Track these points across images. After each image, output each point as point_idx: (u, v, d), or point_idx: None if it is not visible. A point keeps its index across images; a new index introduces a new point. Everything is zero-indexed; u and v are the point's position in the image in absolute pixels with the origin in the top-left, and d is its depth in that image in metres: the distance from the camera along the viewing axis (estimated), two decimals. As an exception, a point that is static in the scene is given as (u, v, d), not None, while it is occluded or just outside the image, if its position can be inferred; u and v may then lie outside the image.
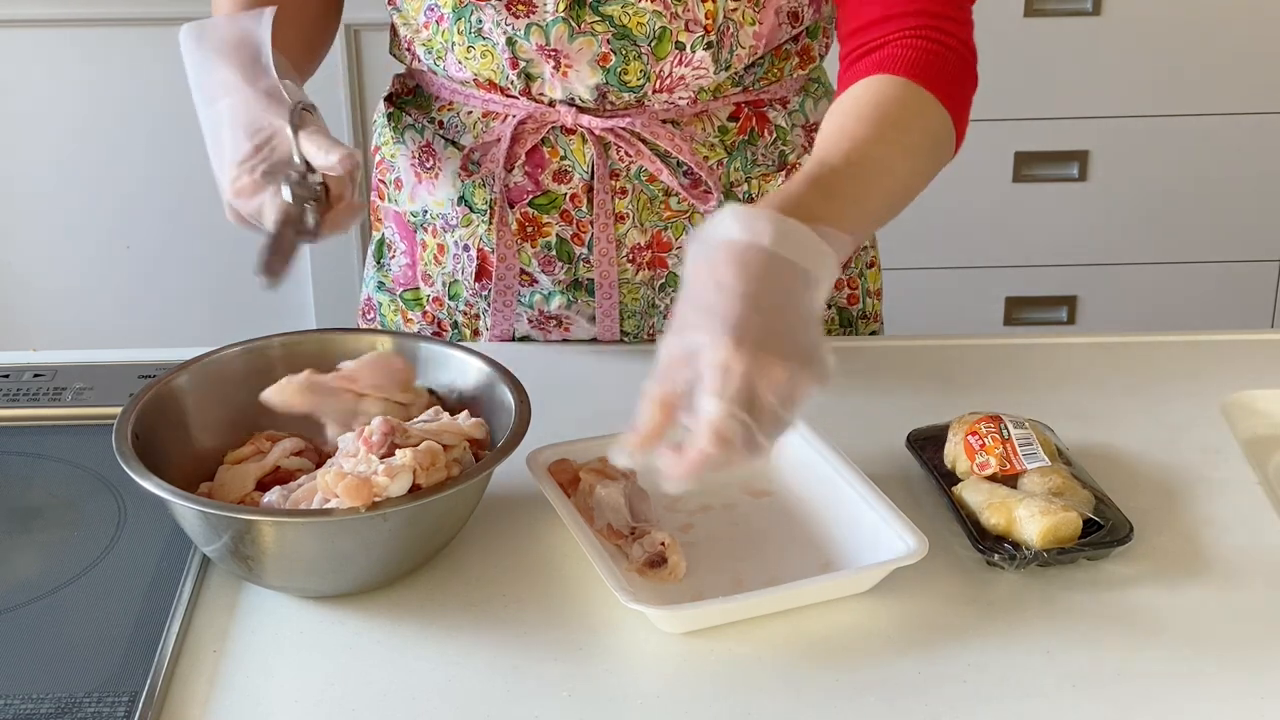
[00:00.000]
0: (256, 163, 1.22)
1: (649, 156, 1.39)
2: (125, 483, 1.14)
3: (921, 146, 1.24)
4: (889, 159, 1.19)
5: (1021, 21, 2.78)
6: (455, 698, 1.05)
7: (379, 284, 1.55)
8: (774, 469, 1.23)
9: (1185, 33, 2.79)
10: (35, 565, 1.17)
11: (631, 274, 1.44)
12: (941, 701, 1.04)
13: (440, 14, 1.36)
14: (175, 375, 1.21)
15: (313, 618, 1.12)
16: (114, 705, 1.03)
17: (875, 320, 1.56)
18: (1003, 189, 2.89)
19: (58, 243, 2.89)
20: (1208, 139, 2.86)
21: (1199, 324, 2.94)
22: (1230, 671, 1.07)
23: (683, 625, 1.09)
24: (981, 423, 1.24)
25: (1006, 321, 2.99)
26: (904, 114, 1.23)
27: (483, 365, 1.22)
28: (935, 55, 1.26)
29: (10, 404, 1.35)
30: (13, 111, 2.80)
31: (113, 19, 2.75)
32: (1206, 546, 1.19)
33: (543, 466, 1.21)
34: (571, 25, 1.32)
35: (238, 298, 2.91)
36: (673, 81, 1.36)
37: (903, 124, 1.23)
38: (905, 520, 1.13)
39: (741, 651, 1.08)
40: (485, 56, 1.35)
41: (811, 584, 1.11)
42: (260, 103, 1.23)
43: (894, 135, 1.21)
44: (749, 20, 1.35)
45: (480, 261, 1.45)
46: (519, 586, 1.15)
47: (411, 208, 1.48)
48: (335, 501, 1.08)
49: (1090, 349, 1.45)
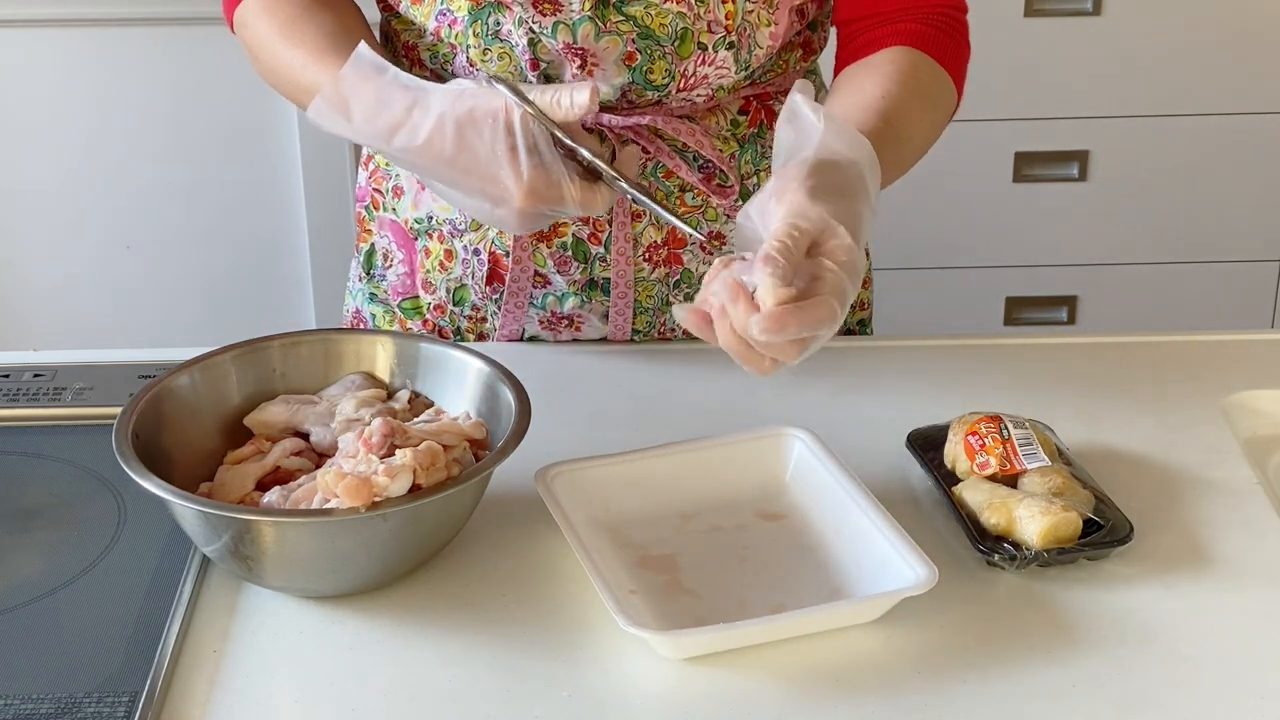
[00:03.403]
0: (525, 155, 1.18)
1: (667, 152, 1.39)
2: (125, 483, 1.14)
3: (936, 118, 1.35)
4: (913, 124, 1.30)
5: (1021, 21, 2.78)
6: (455, 698, 1.05)
7: (370, 295, 1.54)
8: (787, 492, 1.23)
9: (1185, 33, 2.79)
10: (35, 565, 1.17)
11: (647, 272, 1.44)
12: (941, 701, 1.04)
13: (454, 17, 1.36)
14: (175, 375, 1.21)
15: (313, 618, 1.12)
16: (114, 705, 1.03)
17: (863, 308, 1.56)
18: (1003, 189, 2.89)
19: (58, 242, 2.89)
20: (1208, 139, 2.86)
21: (1199, 324, 2.93)
22: (1230, 671, 1.07)
23: (682, 651, 1.08)
24: (981, 423, 1.24)
25: (1006, 321, 2.99)
26: (927, 86, 1.34)
27: (483, 365, 1.22)
28: (944, 35, 1.37)
29: (10, 404, 1.35)
30: (13, 111, 2.80)
31: (114, 19, 2.75)
32: (1206, 546, 1.19)
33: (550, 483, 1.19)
34: (597, 24, 1.32)
35: (238, 298, 2.91)
36: (696, 80, 1.36)
37: (926, 96, 1.34)
38: (916, 549, 1.11)
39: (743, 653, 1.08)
40: (503, 59, 1.35)
41: (816, 612, 1.09)
42: (464, 104, 1.19)
43: (919, 105, 1.32)
44: (765, 22, 1.36)
45: (492, 265, 1.44)
46: (519, 587, 1.15)
47: (414, 214, 1.47)
48: (335, 501, 1.08)
49: (1090, 349, 1.45)
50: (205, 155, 2.83)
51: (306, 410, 1.22)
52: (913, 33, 1.36)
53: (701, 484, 1.22)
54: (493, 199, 1.20)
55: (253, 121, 2.80)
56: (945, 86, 1.37)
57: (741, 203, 1.41)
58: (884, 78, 1.32)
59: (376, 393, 1.23)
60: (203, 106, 2.80)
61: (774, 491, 1.23)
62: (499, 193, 1.19)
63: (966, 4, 1.42)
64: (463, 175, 1.20)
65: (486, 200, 1.20)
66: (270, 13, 1.36)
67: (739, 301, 1.06)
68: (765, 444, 1.24)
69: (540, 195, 1.18)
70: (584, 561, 1.11)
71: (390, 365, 1.26)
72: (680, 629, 1.08)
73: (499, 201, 1.20)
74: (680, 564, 1.16)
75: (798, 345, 1.07)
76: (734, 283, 1.07)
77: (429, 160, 1.20)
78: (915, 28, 1.36)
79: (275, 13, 1.36)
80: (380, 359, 1.27)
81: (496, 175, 1.19)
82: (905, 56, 1.35)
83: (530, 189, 1.18)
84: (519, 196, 1.18)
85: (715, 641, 1.08)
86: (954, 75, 1.38)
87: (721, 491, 1.22)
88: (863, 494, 1.17)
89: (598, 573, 1.10)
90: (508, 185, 1.18)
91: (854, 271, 1.09)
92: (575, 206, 1.20)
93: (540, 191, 1.18)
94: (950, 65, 1.37)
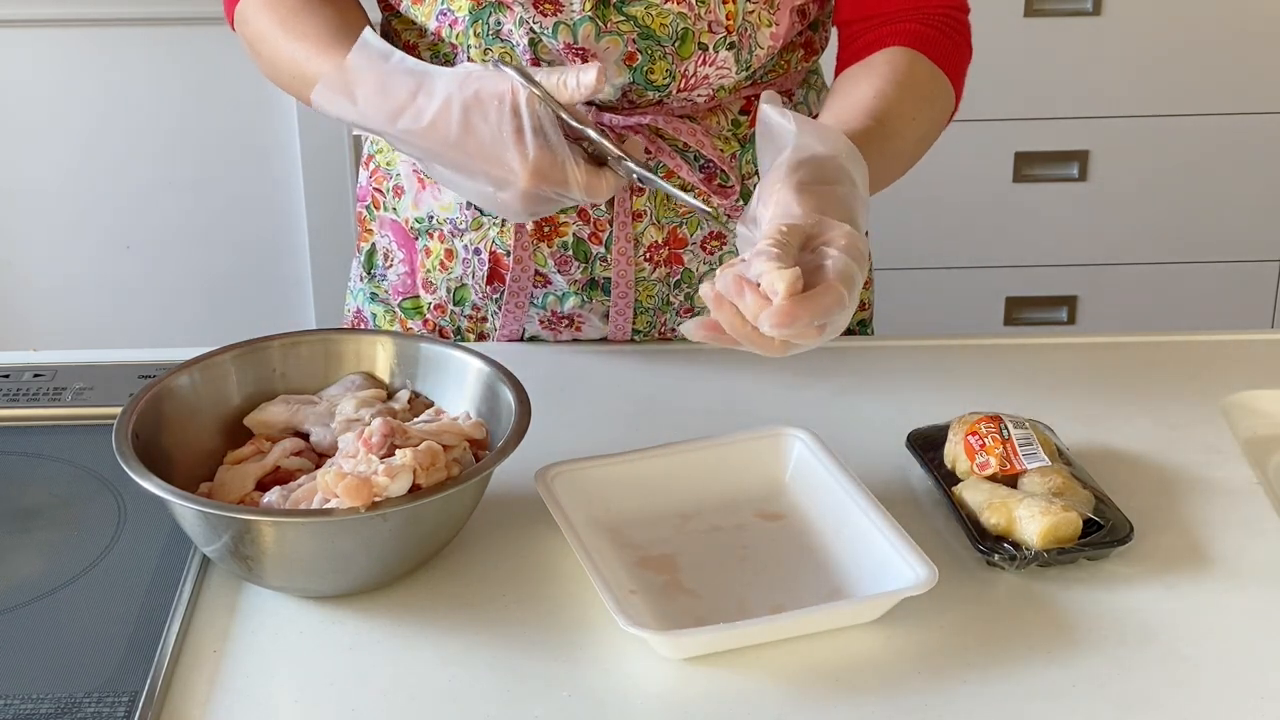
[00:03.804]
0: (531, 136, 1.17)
1: (669, 152, 1.39)
2: (125, 483, 1.14)
3: (933, 118, 1.35)
4: (907, 124, 1.30)
5: (1021, 21, 2.78)
6: (455, 698, 1.05)
7: (371, 295, 1.54)
8: (786, 492, 1.23)
9: (1185, 33, 2.79)
10: (35, 565, 1.17)
11: (648, 272, 1.44)
12: (941, 701, 1.04)
13: (454, 17, 1.36)
14: (175, 375, 1.21)
15: (313, 618, 1.12)
16: (114, 705, 1.03)
17: (863, 309, 1.56)
18: (1003, 189, 2.89)
19: (58, 242, 2.89)
20: (1208, 139, 2.86)
21: (1199, 324, 2.93)
22: (1230, 671, 1.07)
23: (682, 651, 1.08)
24: (981, 423, 1.24)
25: (1006, 321, 2.99)
26: (924, 87, 1.35)
27: (483, 365, 1.22)
28: (945, 36, 1.38)
29: (10, 404, 1.35)
30: (13, 111, 2.80)
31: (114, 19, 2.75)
32: (1206, 546, 1.19)
33: (550, 483, 1.19)
34: (598, 24, 1.32)
35: (238, 298, 2.91)
36: (697, 81, 1.36)
37: (922, 95, 1.34)
38: (916, 549, 1.11)
39: (743, 653, 1.08)
40: (504, 59, 1.35)
41: (816, 612, 1.09)
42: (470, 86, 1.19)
43: (913, 105, 1.32)
44: (766, 22, 1.36)
45: (493, 264, 1.44)
46: (519, 587, 1.15)
47: (415, 214, 1.47)
48: (335, 501, 1.08)
49: (1090, 349, 1.45)
50: (205, 155, 2.83)
51: (306, 410, 1.22)
52: (913, 33, 1.36)
53: (701, 484, 1.22)
54: (496, 182, 1.20)
55: (253, 121, 2.80)
56: (943, 87, 1.37)
57: (743, 203, 1.41)
58: (879, 78, 1.32)
59: (376, 393, 1.23)
60: (203, 106, 2.80)
61: (774, 491, 1.23)
62: (503, 175, 1.19)
63: (969, 4, 1.42)
64: (467, 158, 1.20)
65: (490, 183, 1.20)
66: (271, 7, 1.36)
67: (745, 294, 1.06)
68: (765, 444, 1.24)
69: (545, 176, 1.18)
70: (584, 561, 1.11)
71: (390, 365, 1.26)
72: (680, 629, 1.08)
73: (503, 185, 1.20)
74: (680, 564, 1.16)
75: (817, 329, 1.07)
76: (737, 277, 1.07)
77: (433, 143, 1.20)
78: (915, 28, 1.36)
79: (276, 7, 1.36)
80: (380, 359, 1.27)
81: (501, 157, 1.18)
82: (903, 57, 1.35)
83: (535, 169, 1.18)
84: (524, 177, 1.18)
85: (715, 641, 1.08)
86: (953, 76, 1.38)
87: (721, 491, 1.22)
88: (863, 494, 1.17)
89: (598, 573, 1.10)
90: (513, 166, 1.18)
91: (858, 255, 1.08)
92: (580, 190, 1.19)
93: (545, 172, 1.18)
94: (949, 66, 1.37)
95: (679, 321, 1.47)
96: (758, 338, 1.07)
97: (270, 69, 1.38)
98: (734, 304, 1.06)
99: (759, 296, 1.05)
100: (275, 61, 1.36)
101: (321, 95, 1.23)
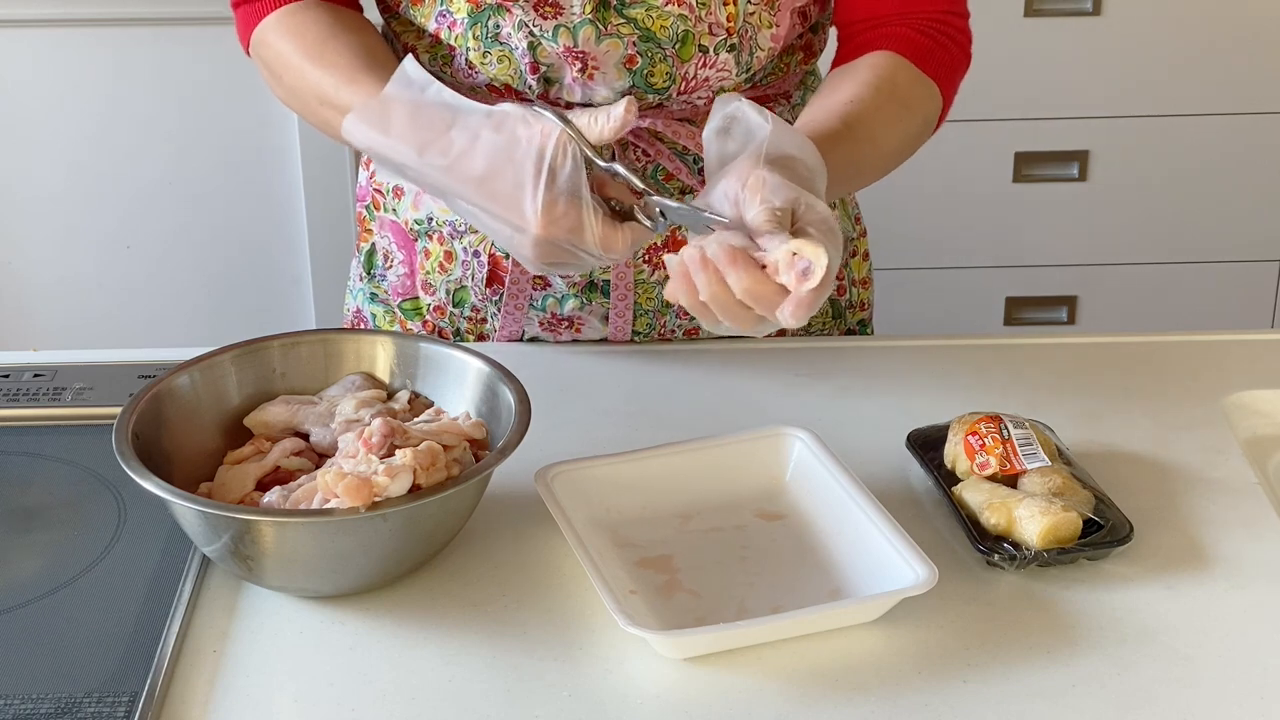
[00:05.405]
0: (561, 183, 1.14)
1: (668, 155, 1.39)
2: (125, 483, 1.14)
3: (911, 127, 1.35)
4: (881, 129, 1.30)
5: (1021, 21, 2.78)
6: (455, 698, 1.05)
7: (370, 295, 1.54)
8: (786, 492, 1.23)
9: (1185, 33, 2.79)
10: (35, 565, 1.17)
11: (647, 274, 1.44)
12: (941, 701, 1.04)
13: (453, 19, 1.35)
14: (175, 375, 1.21)
15: (313, 618, 1.12)
16: (114, 705, 1.03)
17: (863, 309, 1.56)
18: (1003, 189, 2.89)
19: (58, 242, 2.89)
20: (1208, 139, 2.86)
21: (1199, 324, 2.93)
22: (1230, 671, 1.07)
23: (682, 651, 1.08)
24: (981, 423, 1.24)
25: (1006, 321, 2.99)
26: (904, 93, 1.34)
27: (483, 366, 1.22)
28: (939, 45, 1.36)
29: (10, 404, 1.35)
30: (14, 111, 2.80)
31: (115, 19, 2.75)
32: (1206, 546, 1.19)
33: (550, 483, 1.19)
34: (598, 27, 1.32)
35: (238, 298, 2.91)
36: (697, 83, 1.36)
37: (900, 102, 1.33)
38: (916, 549, 1.11)
39: (743, 653, 1.08)
40: (503, 62, 1.35)
41: (816, 612, 1.09)
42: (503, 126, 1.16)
43: (890, 111, 1.32)
44: (766, 24, 1.36)
45: (492, 267, 1.44)
46: (519, 587, 1.15)
47: (414, 215, 1.47)
48: (335, 501, 1.08)
49: (1090, 349, 1.45)
50: (206, 155, 2.83)
51: (306, 410, 1.22)
52: (903, 38, 1.36)
53: (701, 484, 1.22)
54: (514, 226, 1.16)
55: (253, 121, 2.80)
56: (927, 94, 1.36)
57: None
58: (857, 83, 1.32)
59: (376, 393, 1.23)
60: (203, 107, 2.80)
61: (774, 491, 1.23)
62: (519, 220, 1.15)
63: (968, 11, 1.41)
64: (487, 199, 1.16)
65: (509, 226, 1.17)
66: (295, 34, 1.34)
67: (737, 265, 1.08)
68: (765, 444, 1.24)
69: (559, 224, 1.14)
70: (584, 561, 1.11)
71: (390, 365, 1.26)
72: (680, 629, 1.08)
73: (519, 229, 1.16)
74: (680, 564, 1.16)
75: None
76: (730, 247, 1.08)
77: (456, 180, 1.17)
78: (906, 33, 1.36)
79: (302, 34, 1.34)
80: (380, 359, 1.27)
81: (519, 200, 1.15)
82: (887, 62, 1.34)
83: (549, 215, 1.14)
84: (537, 223, 1.14)
85: (715, 641, 1.08)
86: (942, 83, 1.37)
87: (721, 491, 1.22)
88: (863, 494, 1.17)
89: (598, 573, 1.10)
90: (526, 211, 1.14)
91: (834, 236, 1.11)
92: (595, 242, 1.15)
93: (559, 219, 1.14)
94: (938, 72, 1.36)
95: (679, 324, 1.47)
96: (737, 310, 1.09)
97: (290, 95, 1.36)
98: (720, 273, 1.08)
99: (757, 273, 1.08)
100: (298, 89, 1.34)
101: (353, 125, 1.20)
